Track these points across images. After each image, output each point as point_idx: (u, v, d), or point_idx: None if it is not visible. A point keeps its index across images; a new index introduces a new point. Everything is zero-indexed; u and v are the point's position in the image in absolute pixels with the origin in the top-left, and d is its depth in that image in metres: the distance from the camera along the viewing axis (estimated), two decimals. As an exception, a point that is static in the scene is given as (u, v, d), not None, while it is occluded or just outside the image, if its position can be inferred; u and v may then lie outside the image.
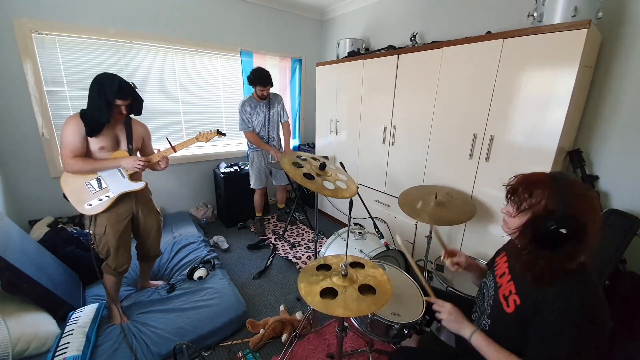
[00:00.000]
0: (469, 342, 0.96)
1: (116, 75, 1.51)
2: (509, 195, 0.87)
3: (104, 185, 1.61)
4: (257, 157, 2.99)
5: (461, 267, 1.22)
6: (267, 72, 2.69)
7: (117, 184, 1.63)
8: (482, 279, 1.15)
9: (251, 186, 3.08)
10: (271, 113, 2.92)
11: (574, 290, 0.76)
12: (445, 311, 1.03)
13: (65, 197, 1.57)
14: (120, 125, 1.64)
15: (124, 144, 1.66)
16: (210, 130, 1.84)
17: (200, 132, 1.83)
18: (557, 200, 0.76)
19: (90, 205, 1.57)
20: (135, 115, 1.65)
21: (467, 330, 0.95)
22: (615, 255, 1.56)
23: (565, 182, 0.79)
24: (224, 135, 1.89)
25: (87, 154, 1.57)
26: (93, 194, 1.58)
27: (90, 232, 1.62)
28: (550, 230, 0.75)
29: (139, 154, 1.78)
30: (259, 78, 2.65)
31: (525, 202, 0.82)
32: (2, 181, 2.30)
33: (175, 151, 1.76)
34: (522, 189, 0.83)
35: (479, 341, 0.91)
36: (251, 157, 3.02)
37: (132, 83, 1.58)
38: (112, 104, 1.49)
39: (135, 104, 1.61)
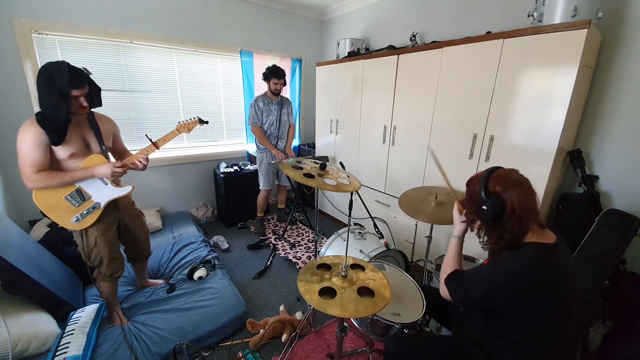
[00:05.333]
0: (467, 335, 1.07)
1: (63, 61, 1.29)
2: (466, 197, 1.06)
3: (86, 196, 1.46)
4: (265, 157, 3.00)
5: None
6: (282, 68, 2.83)
7: (101, 192, 1.50)
8: None
9: (260, 187, 3.10)
10: (282, 113, 2.97)
11: (526, 257, 0.90)
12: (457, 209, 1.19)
13: (44, 215, 1.42)
14: (85, 124, 1.46)
15: (95, 146, 1.49)
16: (192, 119, 1.68)
17: (179, 123, 1.65)
18: (480, 185, 0.95)
19: (77, 219, 1.45)
20: (96, 106, 1.44)
21: (454, 231, 1.18)
22: (615, 255, 1.55)
23: (492, 170, 0.97)
24: (206, 122, 1.73)
25: (53, 164, 1.38)
26: (77, 207, 1.45)
27: (80, 245, 1.53)
28: (479, 210, 0.95)
29: (111, 155, 1.61)
30: (274, 71, 2.78)
31: (469, 195, 1.02)
32: (2, 181, 2.30)
33: (157, 147, 1.60)
34: (467, 187, 1.05)
35: (451, 245, 1.18)
36: (259, 158, 3.03)
37: (84, 68, 1.36)
38: (68, 95, 1.29)
39: (94, 93, 1.41)
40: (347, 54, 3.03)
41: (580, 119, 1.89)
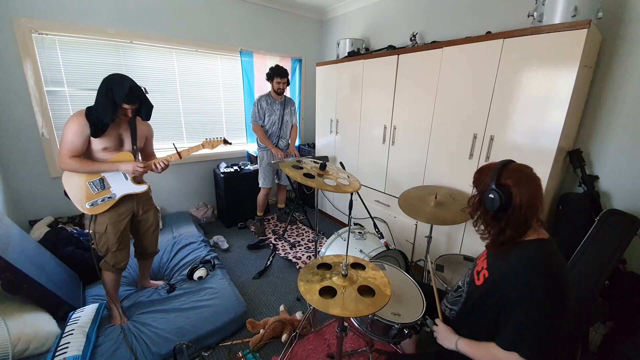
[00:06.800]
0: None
1: (128, 77, 1.48)
2: (473, 184, 1.05)
3: (107, 185, 1.61)
4: (266, 156, 3.01)
5: None
6: (285, 68, 2.86)
7: (120, 185, 1.63)
8: None
9: (260, 185, 3.11)
10: (285, 113, 2.99)
11: (533, 255, 0.90)
12: (439, 330, 1.13)
13: (66, 194, 1.56)
14: (125, 125, 1.62)
15: (128, 144, 1.64)
16: (217, 138, 1.87)
17: (206, 139, 1.86)
18: (493, 175, 0.94)
19: (92, 205, 1.57)
20: (143, 119, 1.64)
21: (452, 340, 1.05)
22: (615, 255, 1.55)
23: (507, 163, 0.97)
24: (230, 143, 1.91)
25: (87, 152, 1.55)
26: (95, 194, 1.58)
27: (90, 230, 1.62)
28: (486, 197, 0.95)
29: (139, 154, 1.77)
30: (277, 71, 2.82)
31: (477, 185, 1.02)
32: (2, 181, 2.30)
33: (180, 157, 1.76)
34: (477, 174, 1.04)
35: (463, 345, 1.02)
36: (260, 156, 3.05)
37: (144, 87, 1.56)
38: (118, 106, 1.47)
39: (144, 108, 1.59)
40: (347, 54, 3.03)
41: (580, 119, 1.89)
